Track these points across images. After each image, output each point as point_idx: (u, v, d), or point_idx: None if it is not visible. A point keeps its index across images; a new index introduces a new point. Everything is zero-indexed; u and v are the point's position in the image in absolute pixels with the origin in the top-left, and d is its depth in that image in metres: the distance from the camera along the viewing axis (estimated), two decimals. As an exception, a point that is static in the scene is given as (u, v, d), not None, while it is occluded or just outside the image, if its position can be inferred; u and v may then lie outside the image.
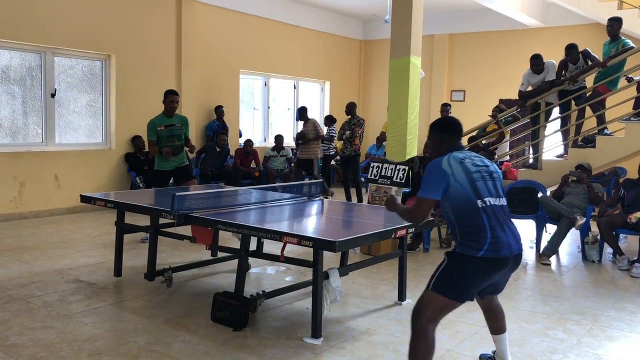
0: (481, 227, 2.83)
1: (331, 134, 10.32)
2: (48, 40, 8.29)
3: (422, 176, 2.96)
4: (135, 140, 9.34)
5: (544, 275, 5.82)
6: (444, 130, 3.12)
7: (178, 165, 6.68)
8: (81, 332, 3.89)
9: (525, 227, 7.27)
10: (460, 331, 4.07)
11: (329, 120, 10.60)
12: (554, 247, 6.36)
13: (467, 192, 2.87)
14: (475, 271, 2.84)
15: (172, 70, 9.89)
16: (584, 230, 6.43)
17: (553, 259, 6.44)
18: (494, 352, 3.46)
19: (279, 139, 11.10)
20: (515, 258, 2.94)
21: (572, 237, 7.16)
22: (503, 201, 2.99)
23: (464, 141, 9.11)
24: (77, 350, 3.59)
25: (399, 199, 3.45)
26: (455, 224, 2.96)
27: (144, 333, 3.90)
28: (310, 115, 10.21)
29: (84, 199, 5.20)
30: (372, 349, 3.76)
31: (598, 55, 7.86)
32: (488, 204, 2.89)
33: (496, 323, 3.35)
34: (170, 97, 6.58)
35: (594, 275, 5.86)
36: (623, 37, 7.68)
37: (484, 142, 8.67)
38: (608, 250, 6.57)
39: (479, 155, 3.12)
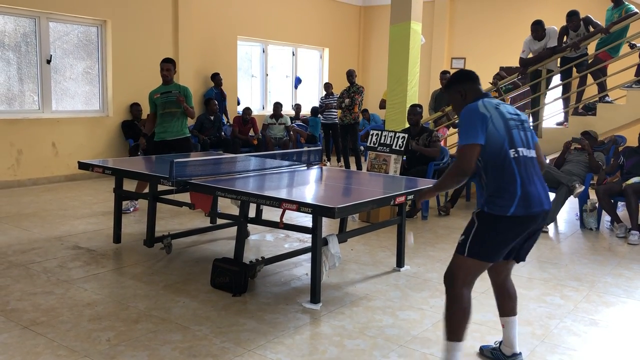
0: (511, 181, 2.68)
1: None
2: (42, 5, 8.14)
3: (459, 124, 2.77)
4: (133, 107, 9.27)
5: (542, 242, 5.83)
6: (464, 79, 2.93)
7: (177, 137, 6.55)
8: (81, 297, 3.92)
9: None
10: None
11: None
12: (552, 214, 6.38)
13: (501, 140, 2.70)
14: (506, 231, 2.71)
15: (169, 37, 9.75)
16: (583, 198, 6.43)
17: (551, 226, 6.46)
18: (496, 343, 3.19)
19: (277, 106, 11.01)
20: (544, 214, 2.79)
21: (571, 205, 7.17)
22: (533, 153, 2.83)
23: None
24: (78, 315, 3.61)
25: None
26: (484, 176, 2.78)
27: (144, 298, 3.92)
28: (309, 83, 10.09)
29: (82, 165, 5.17)
30: (371, 313, 3.79)
31: (601, 21, 7.75)
32: (521, 154, 2.73)
33: (509, 303, 3.07)
34: (161, 65, 6.42)
35: (591, 242, 5.89)
36: (626, 2, 7.57)
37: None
38: (606, 218, 6.59)
39: (509, 104, 2.96)
